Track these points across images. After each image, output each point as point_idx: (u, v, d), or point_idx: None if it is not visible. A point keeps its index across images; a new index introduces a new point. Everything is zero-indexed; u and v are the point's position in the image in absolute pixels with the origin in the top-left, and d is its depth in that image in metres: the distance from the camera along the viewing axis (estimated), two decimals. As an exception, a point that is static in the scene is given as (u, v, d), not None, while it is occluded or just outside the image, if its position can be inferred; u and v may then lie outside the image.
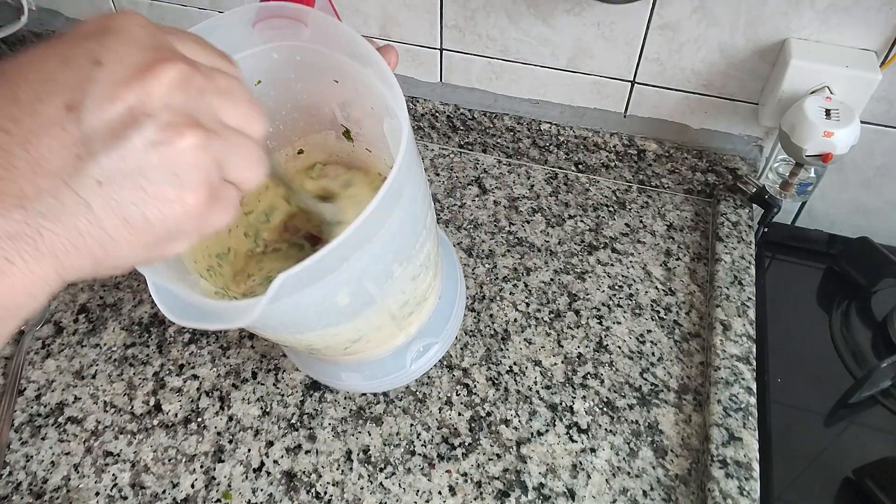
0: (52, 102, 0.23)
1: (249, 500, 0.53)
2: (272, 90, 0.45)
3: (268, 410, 0.57)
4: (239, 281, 0.50)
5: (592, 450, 0.55)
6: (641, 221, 0.72)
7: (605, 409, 0.57)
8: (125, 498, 0.53)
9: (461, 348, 0.61)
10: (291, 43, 0.41)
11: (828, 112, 0.57)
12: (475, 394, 0.58)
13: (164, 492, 0.53)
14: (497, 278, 0.66)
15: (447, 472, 0.54)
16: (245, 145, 0.27)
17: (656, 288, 0.65)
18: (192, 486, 0.53)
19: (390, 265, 0.41)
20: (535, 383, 0.59)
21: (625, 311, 0.64)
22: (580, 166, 0.77)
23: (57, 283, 0.25)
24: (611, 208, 0.73)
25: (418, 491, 0.53)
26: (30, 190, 0.23)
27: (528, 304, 0.64)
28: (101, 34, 0.25)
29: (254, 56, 0.42)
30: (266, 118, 0.28)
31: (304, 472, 0.54)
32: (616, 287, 0.66)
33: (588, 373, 0.59)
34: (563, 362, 0.60)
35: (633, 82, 0.69)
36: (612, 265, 0.68)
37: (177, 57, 0.25)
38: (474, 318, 0.63)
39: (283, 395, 0.58)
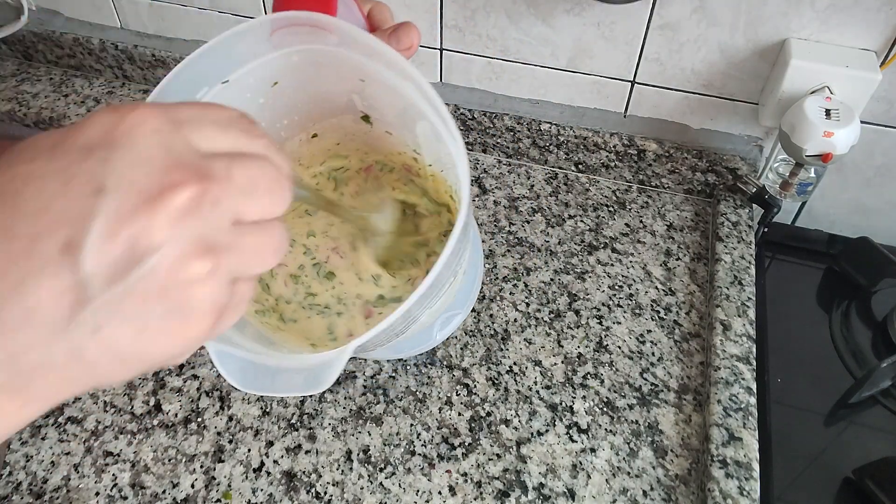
0: (50, 241, 0.21)
1: (249, 500, 0.53)
2: (289, 88, 0.44)
3: (268, 410, 0.57)
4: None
5: (592, 450, 0.55)
6: (641, 221, 0.72)
7: (605, 409, 0.57)
8: (125, 498, 0.53)
9: (461, 348, 0.61)
10: (315, 46, 0.40)
11: (828, 112, 0.57)
12: (475, 394, 0.58)
13: (164, 492, 0.53)
14: (497, 278, 0.66)
15: (447, 472, 0.54)
16: (263, 241, 0.25)
17: (656, 288, 0.65)
18: (192, 486, 0.53)
19: (446, 282, 0.41)
20: (535, 383, 0.59)
21: (625, 311, 0.64)
22: (580, 166, 0.77)
23: (40, 413, 0.23)
24: (611, 208, 0.73)
25: (418, 491, 0.53)
26: (20, 343, 0.21)
27: (528, 304, 0.64)
28: (107, 148, 0.22)
29: (273, 61, 0.40)
30: (290, 192, 0.26)
31: (304, 472, 0.54)
32: (616, 287, 0.66)
33: (588, 373, 0.59)
34: (563, 362, 0.60)
35: (633, 82, 0.69)
36: (612, 265, 0.68)
37: (189, 174, 0.22)
38: (474, 318, 0.63)
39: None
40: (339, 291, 0.51)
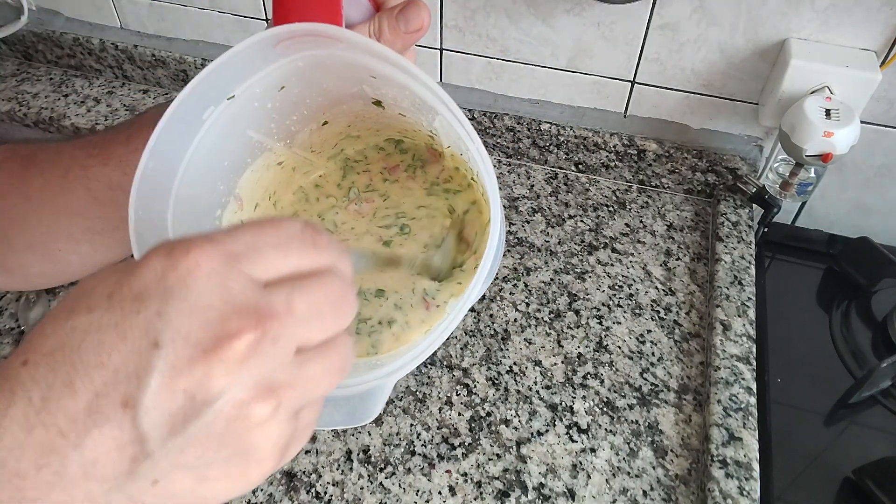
0: (109, 397, 0.21)
1: (249, 500, 0.53)
2: (296, 89, 0.44)
3: (268, 410, 0.57)
4: None
5: (592, 450, 0.55)
6: (641, 221, 0.72)
7: (605, 409, 0.57)
8: (125, 498, 0.53)
9: (461, 348, 0.61)
10: (321, 52, 0.38)
11: (828, 112, 0.57)
12: (475, 394, 0.58)
13: (164, 492, 0.53)
14: (497, 278, 0.66)
15: (447, 472, 0.54)
16: (327, 364, 0.24)
17: (656, 288, 0.65)
18: (192, 486, 0.53)
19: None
20: (535, 383, 0.59)
21: (625, 311, 0.64)
22: (580, 166, 0.77)
23: None
24: (611, 208, 0.73)
25: (418, 491, 0.53)
26: (80, 496, 0.21)
27: (528, 304, 0.64)
28: (161, 299, 0.21)
29: (279, 69, 0.39)
30: (355, 302, 0.25)
31: (304, 472, 0.54)
32: (616, 287, 0.66)
33: (588, 373, 0.59)
34: (563, 362, 0.60)
35: (633, 82, 0.69)
36: (612, 265, 0.68)
37: (246, 320, 0.22)
38: (474, 318, 0.63)
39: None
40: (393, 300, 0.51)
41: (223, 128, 0.42)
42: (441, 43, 0.73)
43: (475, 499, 0.52)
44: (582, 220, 0.72)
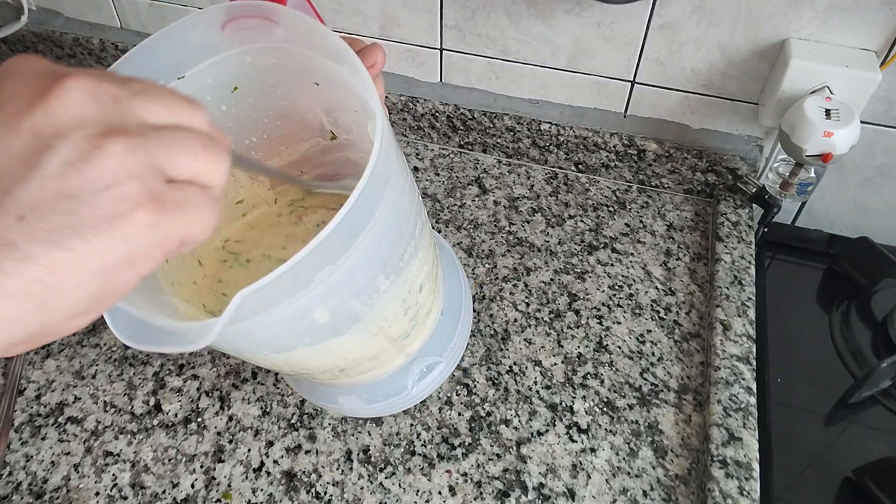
0: None
1: (249, 500, 0.53)
2: (250, 97, 0.43)
3: (268, 410, 0.57)
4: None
5: (592, 450, 0.55)
6: (641, 221, 0.72)
7: (605, 409, 0.57)
8: (125, 498, 0.53)
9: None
10: (266, 45, 0.39)
11: (828, 112, 0.57)
12: (475, 394, 0.58)
13: (164, 492, 0.53)
14: (497, 278, 0.66)
15: (447, 472, 0.54)
16: (186, 137, 0.25)
17: (656, 288, 0.65)
18: (192, 486, 0.53)
19: (375, 278, 0.38)
20: (535, 383, 0.59)
21: (625, 311, 0.64)
22: (580, 166, 0.77)
23: None
24: (611, 208, 0.73)
25: (418, 491, 0.53)
26: None
27: (528, 304, 0.64)
28: (8, 72, 0.24)
29: (227, 60, 0.40)
30: (202, 106, 0.26)
31: (304, 472, 0.54)
32: (616, 287, 0.66)
33: (588, 373, 0.59)
34: (563, 362, 0.60)
35: (633, 82, 0.69)
36: (612, 265, 0.68)
37: (78, 74, 0.23)
38: (474, 318, 0.63)
39: (283, 395, 0.58)
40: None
41: None
42: (441, 43, 0.73)
43: (475, 499, 0.52)
44: (582, 220, 0.72)
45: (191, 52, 0.39)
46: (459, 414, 0.57)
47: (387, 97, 0.77)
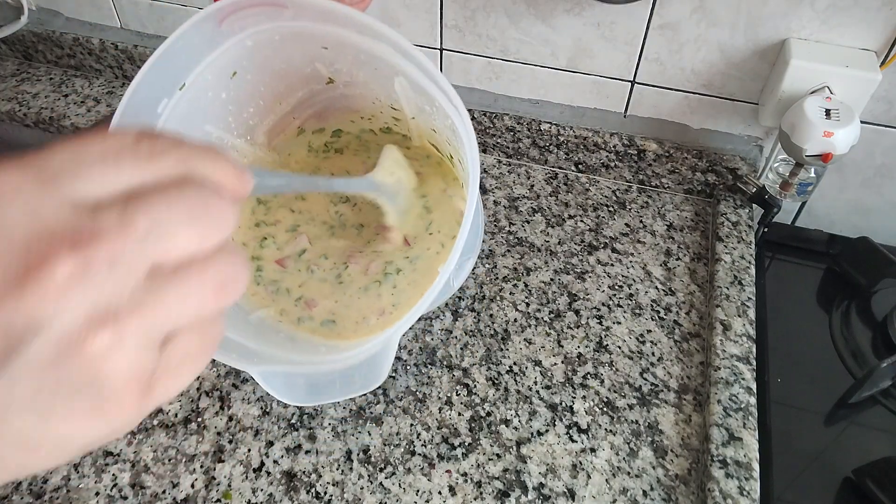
0: None
1: (249, 500, 0.53)
2: (249, 74, 0.43)
3: (268, 410, 0.57)
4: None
5: (592, 450, 0.55)
6: (641, 221, 0.72)
7: (605, 409, 0.57)
8: (125, 498, 0.53)
9: (461, 348, 0.61)
10: (268, 26, 0.39)
11: (828, 112, 0.57)
12: (475, 394, 0.58)
13: (164, 492, 0.53)
14: (497, 278, 0.66)
15: (447, 472, 0.54)
16: (193, 283, 0.21)
17: (656, 288, 0.65)
18: (192, 486, 0.53)
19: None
20: (535, 383, 0.59)
21: (625, 311, 0.64)
22: (580, 166, 0.77)
23: None
24: (611, 208, 0.73)
25: (418, 491, 0.53)
26: None
27: (528, 304, 0.64)
28: None
29: (226, 52, 0.40)
30: (234, 206, 0.22)
31: (304, 472, 0.54)
32: (616, 287, 0.66)
33: (588, 373, 0.59)
34: (563, 362, 0.60)
35: (633, 82, 0.69)
36: (612, 265, 0.68)
37: (61, 245, 0.19)
38: (474, 318, 0.63)
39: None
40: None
41: (180, 123, 0.41)
42: (441, 43, 0.73)
43: (475, 499, 0.52)
44: (582, 220, 0.72)
45: (191, 59, 0.40)
46: (459, 414, 0.57)
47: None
